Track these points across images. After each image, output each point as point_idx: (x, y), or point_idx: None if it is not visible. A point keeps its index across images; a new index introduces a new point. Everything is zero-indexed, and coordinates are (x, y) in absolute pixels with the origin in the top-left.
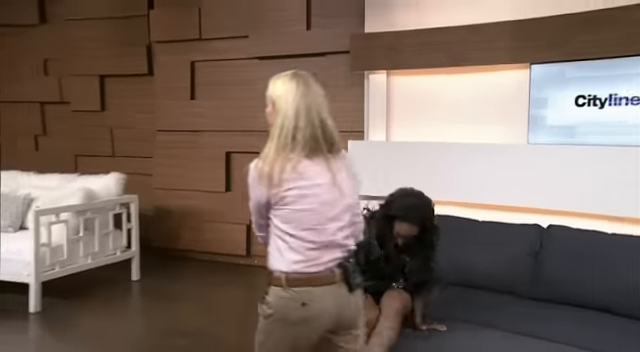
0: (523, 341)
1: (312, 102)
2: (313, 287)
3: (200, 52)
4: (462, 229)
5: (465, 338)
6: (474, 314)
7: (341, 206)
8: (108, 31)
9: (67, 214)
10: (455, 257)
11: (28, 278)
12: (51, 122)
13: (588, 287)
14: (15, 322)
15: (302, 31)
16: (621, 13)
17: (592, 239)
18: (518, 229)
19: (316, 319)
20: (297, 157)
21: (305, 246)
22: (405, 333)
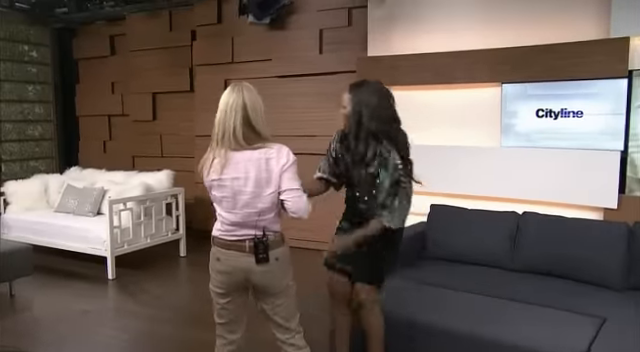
0: (505, 303)
1: (232, 105)
2: (225, 249)
3: (232, 72)
4: (453, 215)
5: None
6: (465, 283)
7: (253, 195)
8: (160, 58)
9: (132, 203)
10: (448, 238)
11: (105, 252)
12: (115, 130)
13: (554, 259)
14: (99, 286)
15: (315, 55)
16: (568, 47)
17: (557, 222)
18: (499, 215)
19: (228, 273)
20: (223, 152)
21: (224, 222)
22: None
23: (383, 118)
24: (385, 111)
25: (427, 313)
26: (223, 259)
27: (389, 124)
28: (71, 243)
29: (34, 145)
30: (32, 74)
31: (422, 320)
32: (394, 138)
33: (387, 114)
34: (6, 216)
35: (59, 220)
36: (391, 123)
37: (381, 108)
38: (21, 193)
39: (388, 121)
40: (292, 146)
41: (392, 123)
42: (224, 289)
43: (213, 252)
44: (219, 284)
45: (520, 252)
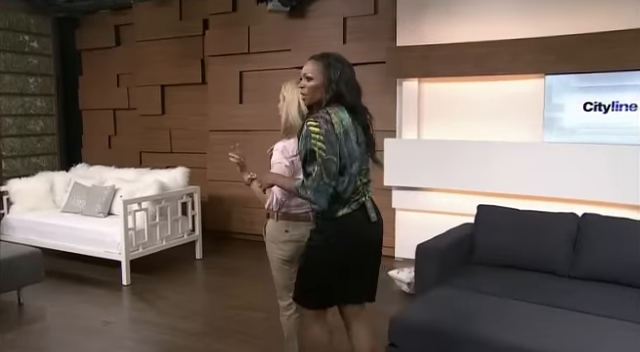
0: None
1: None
2: (295, 221)
3: (248, 63)
4: (504, 216)
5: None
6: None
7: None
8: (169, 49)
9: (147, 203)
10: (499, 241)
11: (119, 256)
12: (121, 124)
13: (621, 266)
14: (114, 292)
15: (339, 45)
16: (619, 35)
17: (622, 224)
18: (556, 217)
19: (297, 241)
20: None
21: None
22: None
23: (356, 89)
24: (356, 82)
25: (481, 325)
26: (292, 230)
27: (360, 96)
28: (82, 246)
29: (35, 140)
30: (33, 66)
31: (476, 333)
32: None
33: (357, 85)
34: (9, 216)
35: (67, 221)
36: (360, 95)
37: (353, 79)
38: (25, 192)
39: (359, 93)
40: None
41: (360, 95)
42: (292, 256)
43: (280, 225)
44: (290, 252)
45: (582, 257)
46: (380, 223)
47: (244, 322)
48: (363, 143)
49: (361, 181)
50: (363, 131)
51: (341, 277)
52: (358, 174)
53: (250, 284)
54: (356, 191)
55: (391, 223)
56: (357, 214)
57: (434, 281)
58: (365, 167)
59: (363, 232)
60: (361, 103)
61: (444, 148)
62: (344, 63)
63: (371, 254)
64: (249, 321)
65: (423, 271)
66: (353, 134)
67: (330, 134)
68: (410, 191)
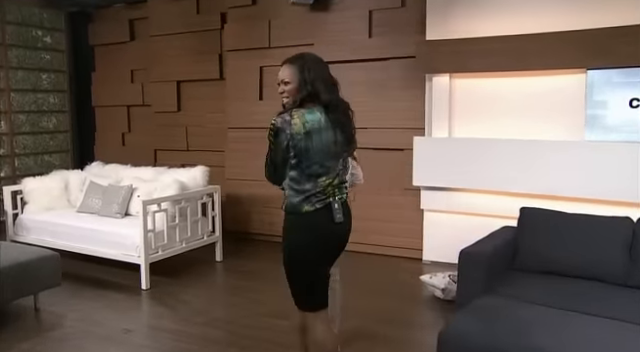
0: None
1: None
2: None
3: (268, 58)
4: (549, 220)
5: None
6: (572, 301)
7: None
8: (185, 44)
9: (166, 203)
10: (544, 247)
11: (139, 259)
12: (135, 121)
13: None
14: (133, 297)
15: (364, 39)
16: None
17: None
18: (609, 221)
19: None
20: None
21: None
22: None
23: (331, 86)
24: (332, 79)
25: (540, 339)
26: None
27: (337, 92)
28: (99, 248)
29: (48, 138)
30: (46, 61)
31: (536, 348)
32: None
33: (334, 82)
34: (24, 216)
35: (84, 222)
36: (337, 91)
37: (329, 77)
38: (40, 191)
39: (336, 89)
40: None
41: (337, 91)
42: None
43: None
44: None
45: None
46: (346, 226)
47: (270, 330)
48: (341, 143)
49: (330, 182)
50: (340, 130)
51: (318, 273)
52: (326, 174)
53: (273, 289)
54: (323, 191)
55: (419, 225)
56: (320, 213)
57: (479, 289)
58: (339, 168)
59: (324, 230)
60: (338, 99)
61: (477, 146)
62: (318, 62)
63: (331, 253)
64: (275, 329)
65: (467, 278)
66: (325, 134)
67: (282, 133)
68: (440, 191)
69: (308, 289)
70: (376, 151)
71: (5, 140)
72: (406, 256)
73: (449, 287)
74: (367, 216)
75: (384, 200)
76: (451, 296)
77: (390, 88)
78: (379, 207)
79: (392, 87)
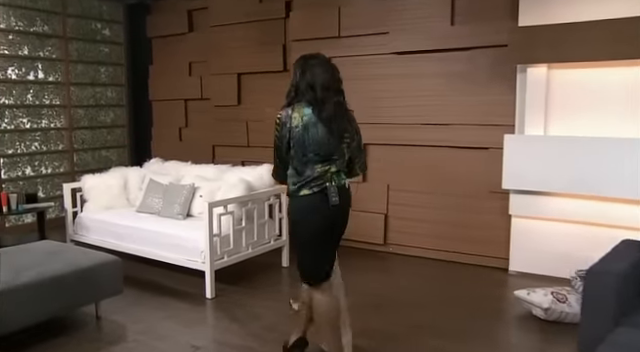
0: None
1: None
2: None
3: (338, 48)
4: None
5: None
6: None
7: None
8: (246, 34)
9: (233, 205)
10: None
11: (203, 266)
12: (192, 116)
13: None
14: (197, 307)
15: (445, 27)
16: None
17: None
18: None
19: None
20: None
21: None
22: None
23: (321, 88)
24: (322, 82)
25: None
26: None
27: (326, 92)
28: (160, 251)
29: (106, 132)
30: (104, 54)
31: None
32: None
33: (325, 84)
34: (83, 215)
35: (145, 223)
36: (326, 91)
37: (320, 80)
38: (99, 189)
39: (326, 90)
40: (416, 137)
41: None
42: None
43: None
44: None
45: None
46: (342, 208)
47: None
48: (336, 136)
49: (327, 169)
50: (328, 124)
51: (319, 250)
52: (323, 162)
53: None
54: (320, 176)
55: (505, 231)
56: (316, 196)
57: (609, 317)
58: (336, 157)
59: (320, 212)
60: (327, 99)
61: (577, 146)
62: (315, 65)
63: (334, 231)
64: (358, 350)
65: (595, 303)
66: (320, 127)
67: (284, 126)
68: (532, 195)
69: (309, 262)
70: (457, 150)
71: (64, 135)
72: (489, 265)
73: (554, 307)
74: (445, 220)
75: (465, 203)
76: (555, 317)
77: (474, 81)
78: (459, 211)
79: (476, 80)
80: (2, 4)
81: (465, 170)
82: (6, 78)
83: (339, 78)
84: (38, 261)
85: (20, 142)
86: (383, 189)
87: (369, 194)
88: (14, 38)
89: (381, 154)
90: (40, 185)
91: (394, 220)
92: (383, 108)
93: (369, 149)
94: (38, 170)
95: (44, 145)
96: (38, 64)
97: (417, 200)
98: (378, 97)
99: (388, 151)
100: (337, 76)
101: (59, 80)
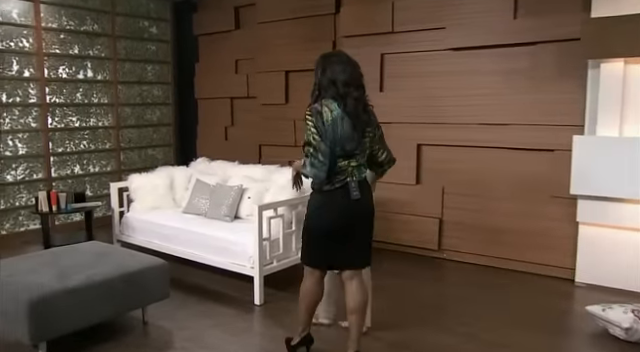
0: None
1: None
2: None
3: (391, 44)
4: None
5: None
6: None
7: None
8: (295, 30)
9: (283, 208)
10: None
11: (252, 271)
12: (238, 114)
13: None
14: (245, 315)
15: (507, 20)
16: None
17: None
18: None
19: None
20: None
21: None
22: None
23: (342, 84)
24: (349, 79)
25: None
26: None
27: (346, 88)
28: (207, 255)
29: (152, 131)
30: (152, 52)
31: None
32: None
33: (346, 80)
34: (130, 215)
35: (192, 225)
36: (346, 87)
37: (341, 77)
38: (145, 188)
39: (347, 86)
40: (473, 137)
41: (346, 87)
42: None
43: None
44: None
45: None
46: (364, 201)
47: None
48: (359, 131)
49: (349, 163)
50: (352, 119)
51: (328, 243)
52: (345, 157)
53: (405, 311)
54: (342, 172)
55: (571, 239)
56: (339, 191)
57: None
58: (357, 151)
59: (343, 206)
60: (348, 94)
61: None
62: (335, 63)
63: (355, 226)
64: None
65: None
66: (346, 122)
67: (318, 122)
68: (603, 202)
69: (316, 250)
70: (517, 151)
71: (112, 133)
72: (552, 275)
73: (636, 326)
74: (504, 225)
75: (526, 208)
76: (637, 338)
77: (537, 78)
78: (519, 216)
79: (540, 77)
80: (54, 4)
81: (526, 173)
82: (57, 77)
83: (360, 73)
84: (87, 264)
85: (69, 141)
86: (438, 192)
87: (423, 197)
88: (65, 37)
89: (435, 155)
90: (88, 183)
91: (449, 225)
92: (437, 107)
93: (422, 150)
94: (86, 168)
95: (92, 144)
96: (87, 63)
97: (474, 204)
98: (432, 95)
99: (443, 152)
100: (358, 71)
101: (107, 78)
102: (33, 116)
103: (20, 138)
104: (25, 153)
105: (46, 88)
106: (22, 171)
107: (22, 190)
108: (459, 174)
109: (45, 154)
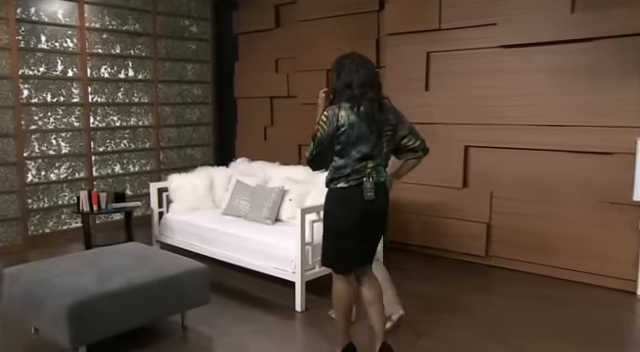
0: None
1: None
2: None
3: (438, 42)
4: None
5: None
6: None
7: None
8: (336, 28)
9: None
10: None
11: (294, 276)
12: (278, 114)
13: None
14: (287, 321)
15: (564, 15)
16: None
17: None
18: None
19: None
20: None
21: None
22: None
23: (358, 86)
24: (366, 80)
25: None
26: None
27: (361, 89)
28: (247, 258)
29: (191, 130)
30: (191, 51)
31: None
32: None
33: (362, 82)
34: (169, 216)
35: (232, 227)
36: (361, 88)
37: (357, 78)
38: (185, 189)
39: (362, 88)
40: (524, 139)
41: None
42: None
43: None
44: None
45: None
46: (378, 202)
47: None
48: (375, 133)
49: (365, 165)
50: (368, 122)
51: (346, 242)
52: (362, 159)
53: (442, 315)
54: (358, 171)
55: (634, 248)
56: (352, 189)
57: None
58: (375, 153)
59: (356, 205)
60: (364, 95)
61: None
62: (343, 65)
63: (368, 226)
64: None
65: None
66: (363, 125)
67: (331, 123)
68: None
69: (334, 251)
70: (572, 154)
71: (151, 133)
72: (611, 286)
73: None
74: (556, 232)
75: (582, 215)
76: None
77: (597, 76)
78: (573, 222)
79: (600, 75)
80: (97, 4)
81: (581, 177)
82: (99, 77)
83: (376, 73)
84: (127, 266)
85: (110, 140)
86: (486, 196)
87: (470, 201)
88: (107, 37)
89: (484, 157)
90: (128, 182)
91: (497, 230)
92: (486, 107)
93: (469, 152)
94: (126, 168)
95: (132, 143)
96: (129, 62)
97: (524, 209)
98: (481, 95)
99: (492, 154)
100: (373, 71)
101: (148, 78)
102: (76, 115)
103: (63, 137)
104: (68, 152)
105: (88, 88)
106: (65, 170)
107: (65, 188)
108: (509, 177)
109: (87, 153)
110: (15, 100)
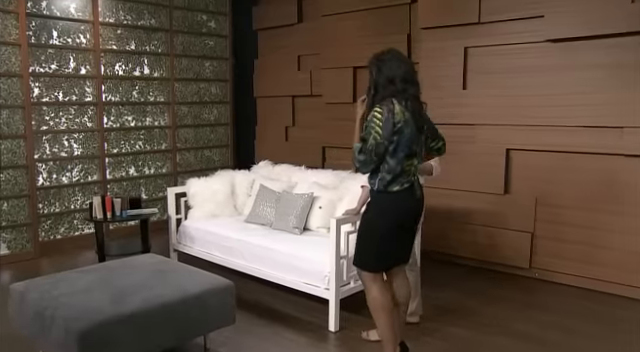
0: None
1: None
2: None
3: (477, 37)
4: None
5: None
6: None
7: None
8: (363, 23)
9: None
10: None
11: (327, 293)
12: (300, 114)
13: None
14: (319, 343)
15: (622, 5)
16: None
17: None
18: None
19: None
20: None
21: None
22: None
23: (401, 81)
24: (406, 76)
25: None
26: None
27: (403, 85)
28: (273, 271)
29: (209, 131)
30: (209, 48)
31: None
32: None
33: (404, 77)
34: (188, 224)
35: (257, 237)
36: (403, 84)
37: (399, 73)
38: (204, 195)
39: (404, 84)
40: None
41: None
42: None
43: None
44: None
45: None
46: (422, 198)
47: None
48: (420, 128)
49: (412, 163)
50: (415, 118)
51: (392, 243)
52: (410, 157)
53: (483, 333)
54: (407, 172)
55: None
56: (406, 191)
57: None
58: (419, 150)
59: (409, 205)
60: (406, 90)
61: None
62: (384, 60)
63: (413, 224)
64: None
65: None
66: (412, 121)
67: (388, 121)
68: None
69: (378, 254)
70: (629, 158)
71: (167, 133)
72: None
73: None
74: (607, 243)
75: (637, 225)
76: None
77: None
78: (628, 233)
79: None
80: None
81: (624, 182)
82: (113, 74)
83: (414, 70)
84: (144, 283)
85: (125, 141)
86: (530, 203)
87: (512, 209)
88: (122, 33)
89: (527, 161)
90: (143, 186)
91: (542, 241)
92: (530, 107)
93: (511, 155)
94: (141, 170)
95: (148, 144)
96: (144, 59)
97: (572, 218)
98: (524, 94)
99: (536, 158)
100: (413, 67)
101: (164, 76)
102: (89, 115)
103: (75, 138)
104: (80, 154)
105: (102, 86)
106: (77, 173)
107: (77, 192)
108: (555, 183)
109: (100, 155)
110: (25, 99)
